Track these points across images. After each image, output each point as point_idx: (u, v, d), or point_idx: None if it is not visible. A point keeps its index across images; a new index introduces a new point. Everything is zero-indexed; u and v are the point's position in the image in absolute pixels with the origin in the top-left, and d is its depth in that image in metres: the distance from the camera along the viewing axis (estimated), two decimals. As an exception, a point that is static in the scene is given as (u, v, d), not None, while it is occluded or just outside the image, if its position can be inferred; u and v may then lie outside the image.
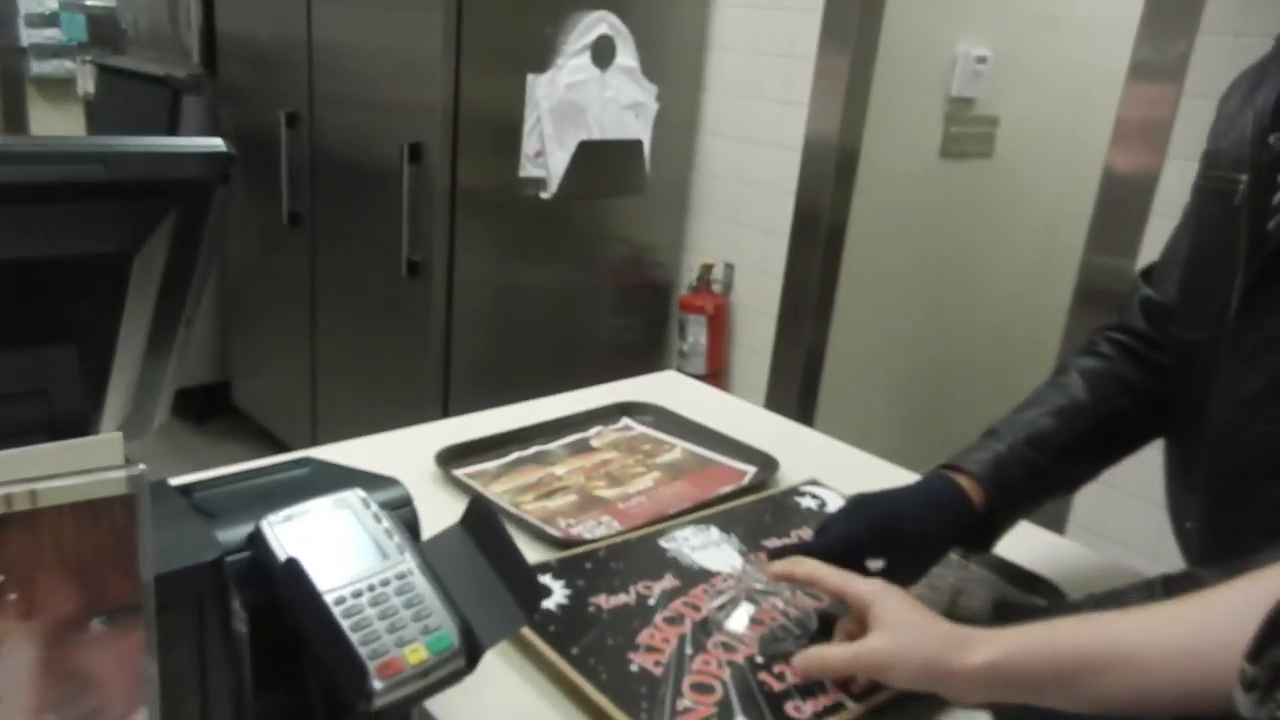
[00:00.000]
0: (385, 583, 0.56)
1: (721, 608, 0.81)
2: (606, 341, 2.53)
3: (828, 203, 2.27)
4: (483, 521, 0.60)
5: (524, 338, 2.34)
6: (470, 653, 0.55)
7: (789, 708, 0.71)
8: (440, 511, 0.64)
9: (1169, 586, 0.73)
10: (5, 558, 0.38)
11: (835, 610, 0.79)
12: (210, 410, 3.04)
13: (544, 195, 2.19)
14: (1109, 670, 0.61)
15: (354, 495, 0.60)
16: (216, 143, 0.58)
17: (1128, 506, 1.68)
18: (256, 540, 0.56)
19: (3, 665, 0.39)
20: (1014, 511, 0.85)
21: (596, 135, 2.22)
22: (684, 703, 0.70)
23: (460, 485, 0.97)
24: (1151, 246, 1.73)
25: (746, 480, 1.04)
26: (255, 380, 2.92)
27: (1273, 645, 0.44)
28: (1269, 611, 0.45)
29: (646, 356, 2.62)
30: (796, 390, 2.39)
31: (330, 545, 0.56)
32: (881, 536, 0.80)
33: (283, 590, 0.52)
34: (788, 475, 1.06)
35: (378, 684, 0.51)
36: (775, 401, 2.42)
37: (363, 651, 0.51)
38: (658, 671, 0.73)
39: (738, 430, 1.13)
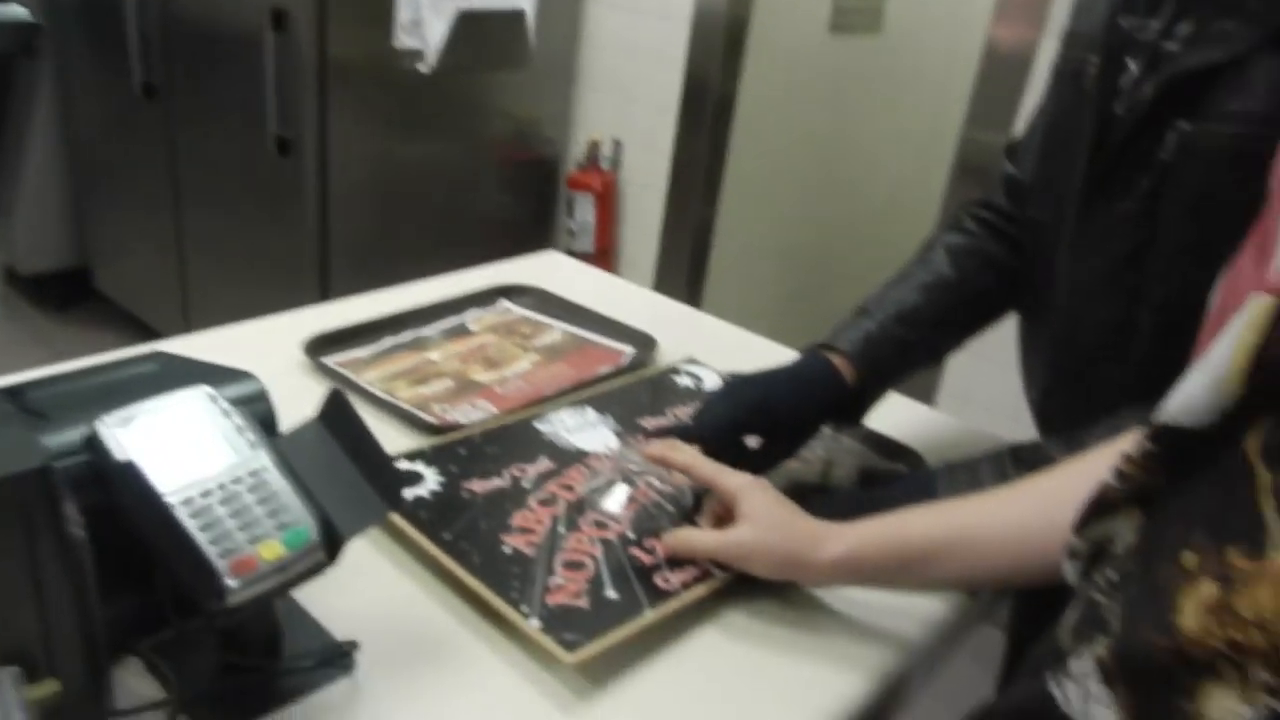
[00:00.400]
0: (236, 480, 0.54)
1: (597, 489, 0.82)
2: (492, 220, 2.47)
3: (716, 76, 2.23)
4: (340, 414, 0.59)
5: (405, 217, 2.27)
6: (330, 545, 0.55)
7: (658, 579, 0.73)
8: (308, 401, 0.62)
9: (1016, 457, 0.77)
10: None
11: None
12: (71, 296, 2.87)
13: (421, 68, 2.08)
14: (949, 555, 0.67)
15: (200, 392, 0.57)
16: (18, 10, 0.52)
17: (993, 374, 1.77)
18: (94, 443, 0.53)
19: None
20: (883, 385, 0.89)
21: (476, 4, 2.10)
22: (555, 580, 0.71)
23: (330, 374, 0.95)
24: (1026, 122, 1.77)
25: (625, 360, 1.04)
26: (118, 264, 2.76)
27: (1094, 520, 0.47)
28: (1092, 490, 0.48)
29: (533, 235, 2.57)
30: (685, 268, 2.39)
31: (174, 446, 0.54)
32: (758, 417, 0.82)
33: (121, 495, 0.50)
34: (667, 354, 1.07)
35: (231, 582, 0.50)
36: (664, 279, 2.43)
37: (212, 551, 0.50)
38: (530, 552, 0.74)
39: (618, 311, 1.13)
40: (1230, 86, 0.66)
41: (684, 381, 1.01)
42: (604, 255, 2.45)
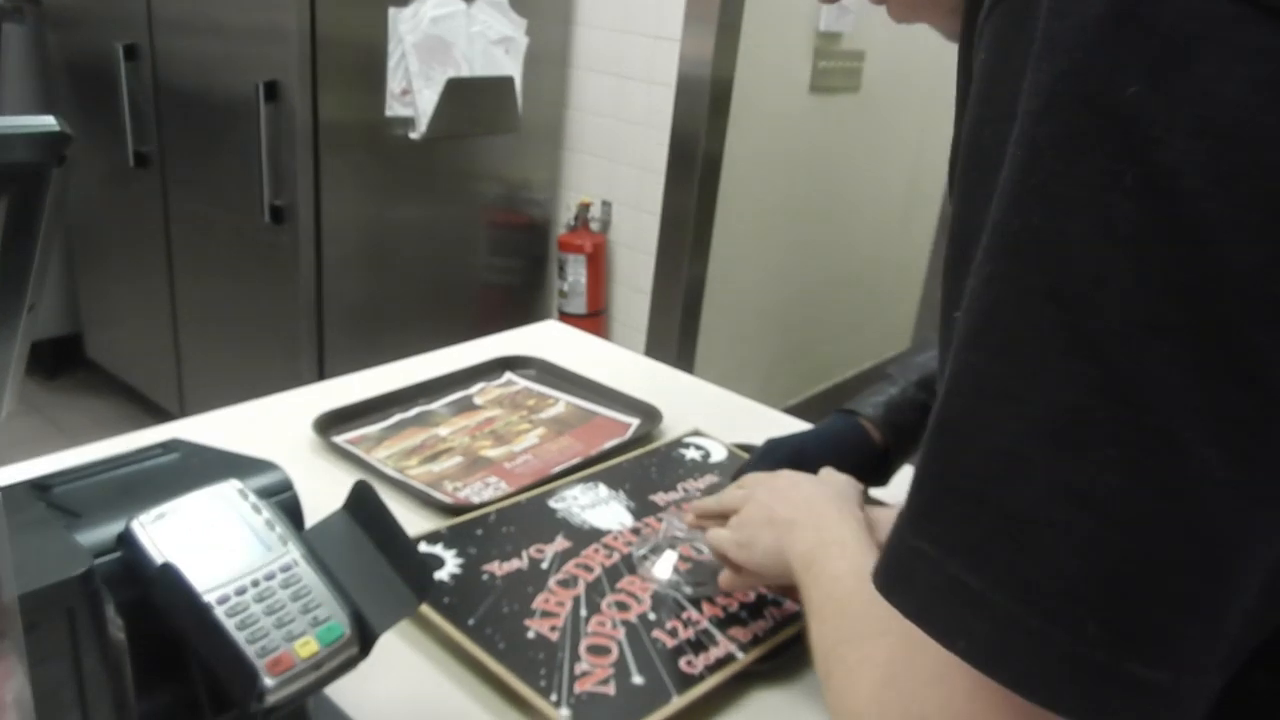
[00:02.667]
0: (270, 576, 0.54)
1: (646, 556, 0.84)
2: (485, 283, 2.49)
3: (703, 137, 2.27)
4: (367, 504, 0.59)
5: (398, 283, 2.28)
6: (363, 640, 0.55)
7: (682, 663, 0.73)
8: (322, 480, 0.62)
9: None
10: None
11: None
12: (62, 364, 2.85)
13: (413, 135, 2.11)
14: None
15: (229, 487, 0.58)
16: (48, 121, 0.53)
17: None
18: (127, 541, 0.53)
19: None
20: (908, 449, 0.91)
21: (465, 72, 2.14)
22: (581, 666, 0.71)
23: (341, 452, 0.95)
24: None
25: (630, 433, 1.05)
26: (110, 331, 2.76)
27: None
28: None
29: (527, 297, 2.59)
30: (677, 326, 2.41)
31: (207, 542, 0.54)
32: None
33: (160, 596, 0.50)
34: (671, 424, 1.08)
35: (269, 681, 0.50)
36: (657, 338, 2.44)
37: (250, 650, 0.50)
38: (554, 637, 0.74)
39: (619, 380, 1.14)
40: None
41: (690, 454, 1.02)
42: (597, 316, 2.47)
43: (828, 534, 0.64)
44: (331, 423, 0.99)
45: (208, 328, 2.40)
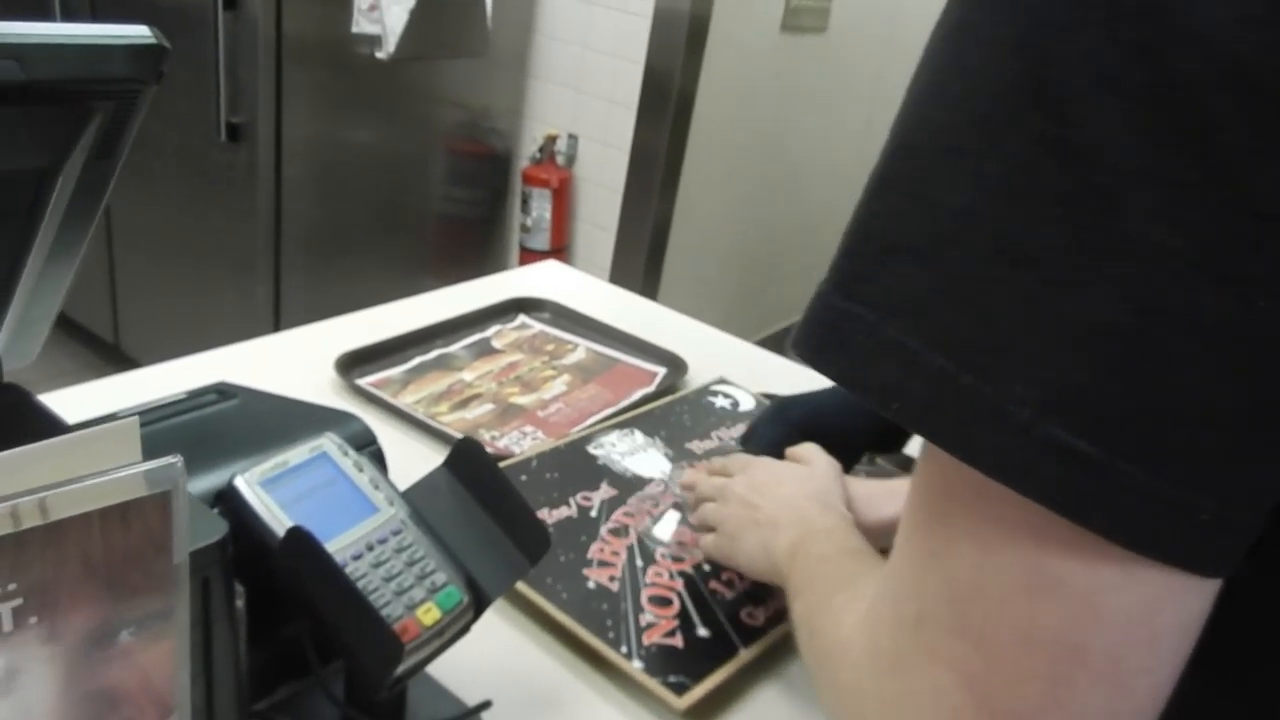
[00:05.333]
0: (383, 540, 0.52)
1: (650, 512, 0.83)
2: (444, 213, 2.41)
3: (678, 73, 2.22)
4: (472, 462, 0.57)
5: (356, 208, 2.19)
6: (478, 606, 0.53)
7: (744, 615, 0.73)
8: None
9: None
10: (24, 579, 0.32)
11: None
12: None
13: (380, 55, 2.01)
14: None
15: (329, 441, 0.54)
16: (144, 31, 0.48)
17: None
18: (231, 499, 0.50)
19: (22, 695, 0.33)
20: None
21: (436, -11, 2.04)
22: (646, 618, 0.71)
23: (366, 395, 0.91)
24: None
25: (657, 382, 1.04)
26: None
27: None
28: None
29: (486, 229, 2.53)
30: (642, 265, 2.39)
31: (318, 503, 0.51)
32: (805, 438, 0.83)
33: (286, 561, 0.47)
34: (693, 372, 1.06)
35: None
36: (620, 276, 2.42)
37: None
38: (614, 587, 0.74)
39: (627, 323, 1.12)
40: None
41: (720, 403, 1.01)
42: (559, 252, 2.42)
43: (811, 525, 0.64)
44: (352, 364, 0.95)
45: (149, 250, 2.27)
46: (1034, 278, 0.28)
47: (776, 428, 0.83)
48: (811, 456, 0.76)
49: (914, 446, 0.91)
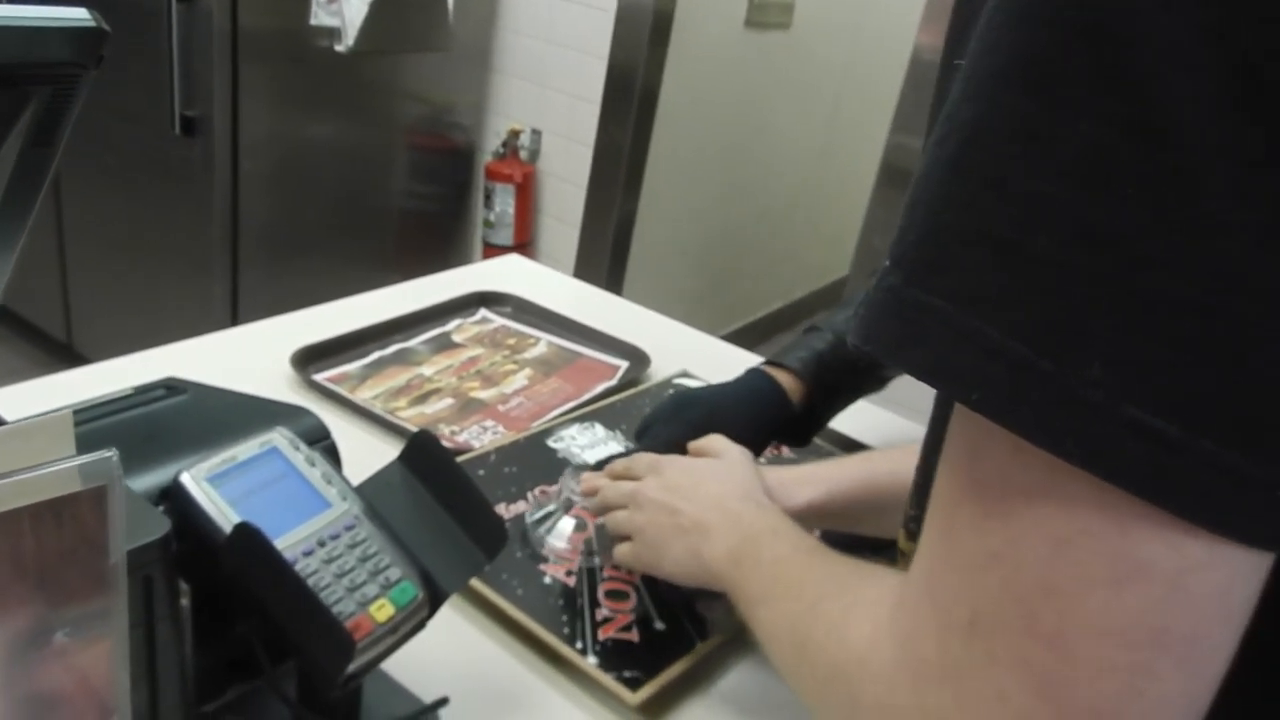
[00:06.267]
0: (335, 536, 0.51)
1: (541, 521, 0.78)
2: (406, 208, 2.39)
3: (642, 68, 2.21)
4: (427, 456, 0.56)
5: (315, 204, 2.16)
6: (433, 601, 0.52)
7: (699, 607, 0.73)
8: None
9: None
10: (-50, 579, 0.31)
11: None
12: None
13: (339, 48, 1.98)
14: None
15: (280, 435, 0.53)
16: (82, 14, 0.46)
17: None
18: (178, 496, 0.49)
19: (-50, 700, 0.32)
20: (834, 405, 0.86)
21: (392, -18, 2.01)
22: (602, 613, 0.71)
23: (322, 391, 0.90)
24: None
25: (619, 376, 1.03)
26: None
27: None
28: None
29: (449, 225, 2.50)
30: (606, 261, 2.38)
31: (267, 499, 0.50)
32: (702, 436, 0.76)
33: (233, 559, 0.46)
34: (655, 365, 1.06)
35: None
36: (584, 272, 2.41)
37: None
38: (570, 581, 0.73)
39: (590, 316, 1.11)
40: None
41: (682, 396, 1.01)
42: (522, 248, 2.41)
43: (751, 528, 0.61)
44: (309, 359, 0.94)
45: (100, 245, 2.22)
46: (1111, 259, 0.28)
47: (674, 427, 0.79)
48: (720, 448, 0.72)
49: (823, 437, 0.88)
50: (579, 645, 0.67)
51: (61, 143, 0.49)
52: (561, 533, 0.77)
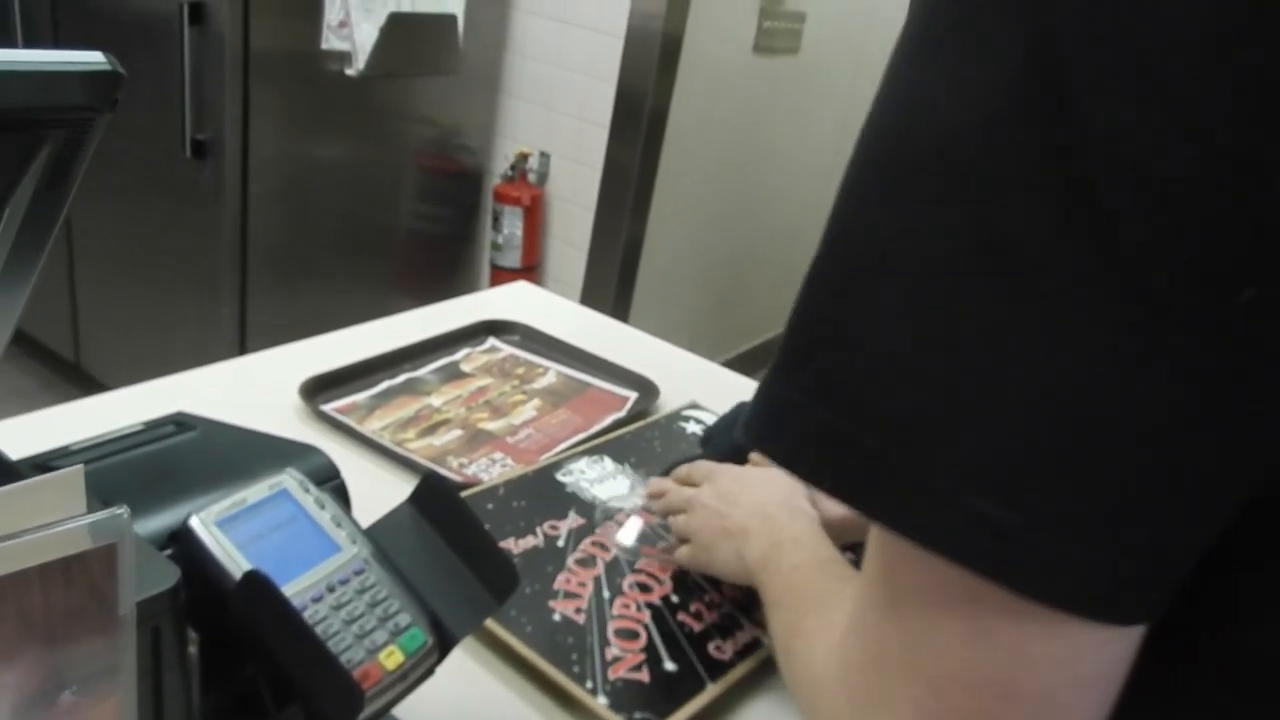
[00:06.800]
0: (344, 581, 0.50)
1: (612, 517, 0.85)
2: (415, 230, 2.39)
3: (650, 92, 2.22)
4: (438, 499, 0.55)
5: (325, 226, 2.17)
6: (442, 647, 0.52)
7: (711, 648, 0.72)
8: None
9: None
10: (-44, 640, 0.30)
11: None
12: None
13: (350, 72, 2.00)
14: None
15: (290, 478, 0.53)
16: (98, 58, 0.46)
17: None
18: (186, 540, 0.48)
19: (-46, 762, 0.32)
20: None
21: (406, 7, 2.03)
22: (612, 651, 0.70)
23: (331, 422, 0.89)
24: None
25: (628, 407, 1.03)
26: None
27: None
28: None
29: (457, 247, 2.51)
30: (614, 284, 2.38)
31: (276, 543, 0.49)
32: None
33: (242, 607, 0.45)
34: (664, 395, 1.06)
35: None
36: (591, 296, 2.41)
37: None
38: (580, 619, 0.72)
39: (599, 346, 1.11)
40: None
41: (692, 429, 1.01)
42: (530, 271, 2.41)
43: (780, 534, 0.66)
44: (317, 389, 0.93)
45: (109, 266, 2.23)
46: (955, 360, 0.30)
47: (735, 433, 0.84)
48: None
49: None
50: (589, 685, 0.66)
51: (75, 184, 0.49)
52: (630, 531, 0.82)
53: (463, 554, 0.54)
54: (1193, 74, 0.26)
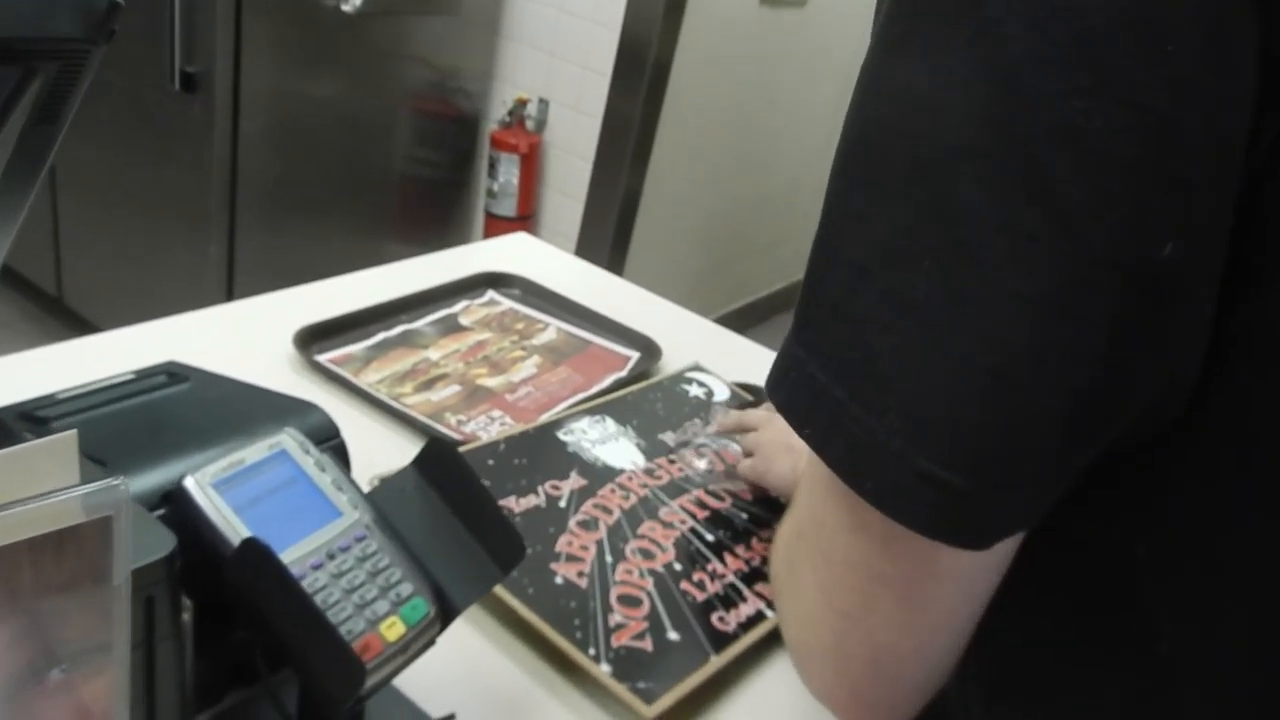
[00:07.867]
0: (345, 548, 0.48)
1: (687, 442, 0.90)
2: (408, 174, 2.34)
3: (655, 40, 2.17)
4: (442, 463, 0.53)
5: (316, 165, 2.12)
6: (444, 618, 0.50)
7: (714, 619, 0.71)
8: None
9: None
10: (-60, 616, 0.28)
11: None
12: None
13: (346, 8, 1.93)
14: None
15: (289, 438, 0.51)
16: (94, -11, 0.43)
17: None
18: (181, 502, 0.46)
19: (-64, 743, 0.30)
20: None
21: (407, -60, 1.96)
22: (615, 618, 0.68)
23: (325, 373, 0.87)
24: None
25: (629, 367, 1.01)
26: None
27: None
28: None
29: (450, 193, 2.46)
30: (610, 236, 2.35)
31: (275, 508, 0.47)
32: None
33: (239, 574, 0.43)
34: (666, 355, 1.04)
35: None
36: (587, 247, 2.37)
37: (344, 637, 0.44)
38: (582, 583, 0.71)
39: (599, 302, 1.09)
40: None
41: (694, 391, 0.99)
42: (525, 220, 2.37)
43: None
44: (312, 338, 0.91)
45: (93, 200, 2.17)
46: (911, 322, 0.33)
47: None
48: None
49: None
50: (592, 651, 0.65)
51: (67, 120, 0.46)
52: (701, 462, 0.88)
53: (468, 522, 0.52)
54: (1126, 48, 0.29)
